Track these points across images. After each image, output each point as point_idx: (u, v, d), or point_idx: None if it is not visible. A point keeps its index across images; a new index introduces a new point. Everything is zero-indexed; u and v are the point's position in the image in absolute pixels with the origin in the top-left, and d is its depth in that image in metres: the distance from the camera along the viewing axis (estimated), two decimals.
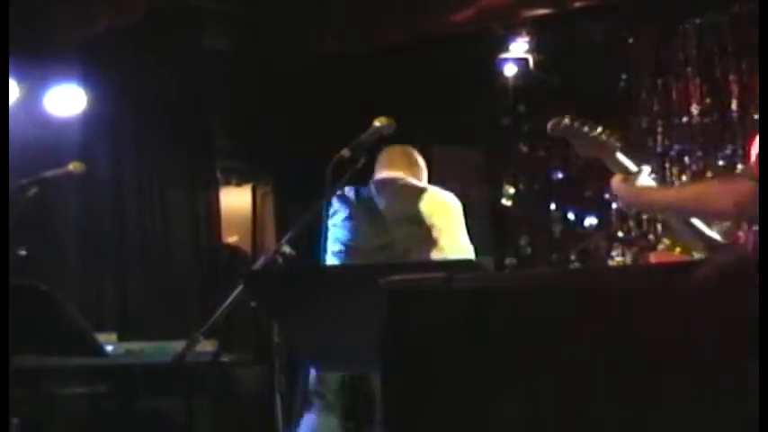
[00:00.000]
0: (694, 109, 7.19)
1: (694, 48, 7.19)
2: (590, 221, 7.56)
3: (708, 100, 7.16)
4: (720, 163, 7.03)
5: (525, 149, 7.75)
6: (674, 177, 7.19)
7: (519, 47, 7.45)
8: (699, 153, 7.17)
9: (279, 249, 3.57)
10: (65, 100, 6.47)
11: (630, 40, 7.40)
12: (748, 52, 6.84)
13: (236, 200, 8.25)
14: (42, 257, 6.03)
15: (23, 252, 4.56)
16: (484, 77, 7.57)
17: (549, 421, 1.99)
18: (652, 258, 5.12)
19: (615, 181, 3.32)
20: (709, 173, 7.03)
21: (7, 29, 4.18)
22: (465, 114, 7.42)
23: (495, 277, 2.69)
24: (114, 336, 5.24)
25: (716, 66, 7.13)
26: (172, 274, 7.24)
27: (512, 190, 7.85)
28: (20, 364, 3.90)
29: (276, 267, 3.54)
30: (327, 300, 3.01)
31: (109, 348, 4.63)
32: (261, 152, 7.76)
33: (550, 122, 3.36)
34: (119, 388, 4.97)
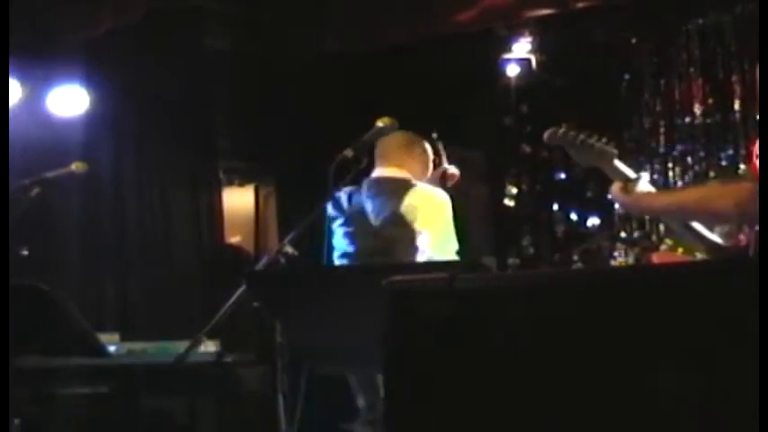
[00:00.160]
0: (697, 109, 7.19)
1: (697, 48, 7.19)
2: (593, 222, 7.56)
3: (710, 100, 7.16)
4: (723, 163, 7.02)
5: (528, 150, 7.75)
6: (677, 178, 7.18)
7: (522, 47, 7.44)
8: (701, 153, 7.17)
9: (281, 249, 3.57)
10: (67, 100, 6.48)
11: (633, 41, 7.39)
12: (751, 53, 6.82)
13: (238, 200, 8.25)
14: (44, 257, 6.04)
15: (25, 252, 4.57)
16: (486, 78, 7.56)
17: (551, 421, 1.98)
18: (654, 259, 5.11)
19: (614, 189, 3.31)
20: (711, 173, 7.03)
21: (7, 29, 4.18)
22: (467, 115, 7.40)
23: (497, 277, 2.68)
24: (116, 336, 5.24)
25: (718, 66, 7.13)
26: (174, 275, 7.24)
27: (514, 190, 7.85)
28: (22, 365, 3.90)
29: (279, 267, 3.54)
30: (330, 300, 3.01)
31: (111, 348, 4.63)
32: (263, 152, 7.75)
33: (547, 133, 3.35)
34: (121, 388, 4.96)
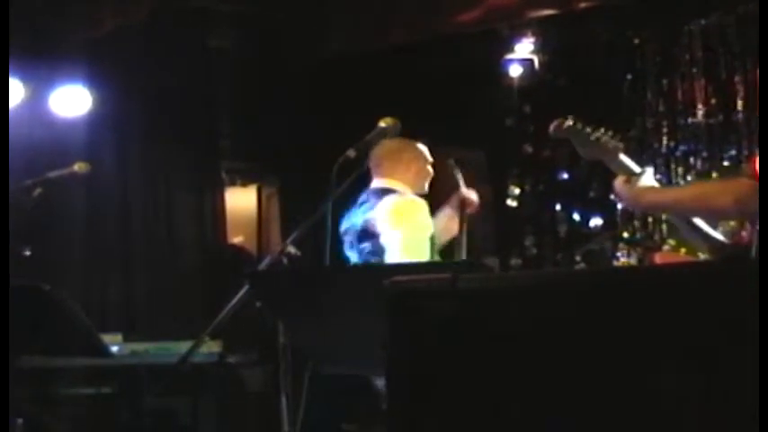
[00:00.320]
0: (700, 109, 7.18)
1: (700, 48, 7.18)
2: (595, 222, 7.55)
3: (713, 100, 7.15)
4: (726, 163, 7.02)
5: (530, 150, 7.74)
6: (680, 178, 7.17)
7: (524, 47, 7.43)
8: (704, 153, 7.16)
9: (284, 250, 3.57)
10: (70, 100, 6.48)
11: (636, 41, 7.39)
12: (754, 53, 6.82)
13: (241, 200, 8.25)
14: (47, 258, 6.04)
15: (28, 252, 4.56)
16: (489, 78, 7.56)
17: (552, 421, 1.98)
18: (657, 259, 5.10)
19: (618, 183, 3.32)
20: (714, 173, 7.02)
21: (7, 29, 4.18)
22: (470, 115, 7.40)
23: (500, 278, 2.68)
24: (119, 336, 5.25)
25: (721, 67, 7.12)
26: (177, 275, 7.24)
27: (517, 190, 7.84)
28: (25, 365, 3.90)
29: (281, 268, 3.54)
30: (332, 300, 3.01)
31: (114, 349, 4.64)
32: (266, 152, 7.75)
33: (553, 124, 3.36)
34: (124, 388, 4.98)
